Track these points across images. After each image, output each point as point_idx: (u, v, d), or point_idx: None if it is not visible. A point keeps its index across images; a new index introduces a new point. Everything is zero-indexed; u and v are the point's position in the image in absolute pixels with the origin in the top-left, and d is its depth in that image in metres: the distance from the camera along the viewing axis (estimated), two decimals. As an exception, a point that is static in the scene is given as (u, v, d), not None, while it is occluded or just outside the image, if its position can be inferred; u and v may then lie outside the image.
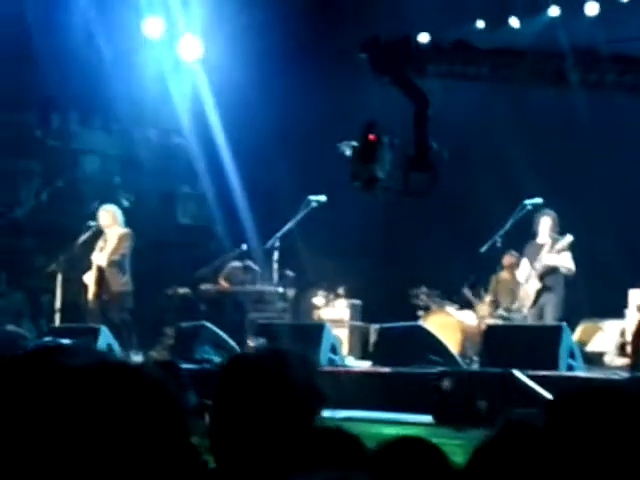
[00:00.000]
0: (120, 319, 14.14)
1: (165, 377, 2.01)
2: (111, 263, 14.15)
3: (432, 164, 12.87)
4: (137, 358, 13.23)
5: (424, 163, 12.74)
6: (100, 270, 14.17)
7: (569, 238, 13.73)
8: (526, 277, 14.08)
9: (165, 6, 18.03)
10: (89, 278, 14.23)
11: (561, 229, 13.98)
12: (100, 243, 14.28)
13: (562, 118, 16.92)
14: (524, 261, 14.20)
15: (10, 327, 14.28)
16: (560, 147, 17.09)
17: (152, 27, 18.39)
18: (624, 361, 13.81)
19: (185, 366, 11.17)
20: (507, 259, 15.02)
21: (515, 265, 14.80)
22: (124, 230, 14.36)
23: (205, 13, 17.68)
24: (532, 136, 17.34)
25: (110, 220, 14.33)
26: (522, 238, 14.24)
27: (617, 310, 14.65)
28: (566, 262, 13.80)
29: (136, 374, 1.94)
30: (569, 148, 16.95)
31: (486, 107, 17.70)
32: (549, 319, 13.63)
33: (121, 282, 14.26)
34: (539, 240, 14.07)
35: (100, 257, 14.18)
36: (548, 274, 13.86)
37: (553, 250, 13.80)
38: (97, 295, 14.19)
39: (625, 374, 11.96)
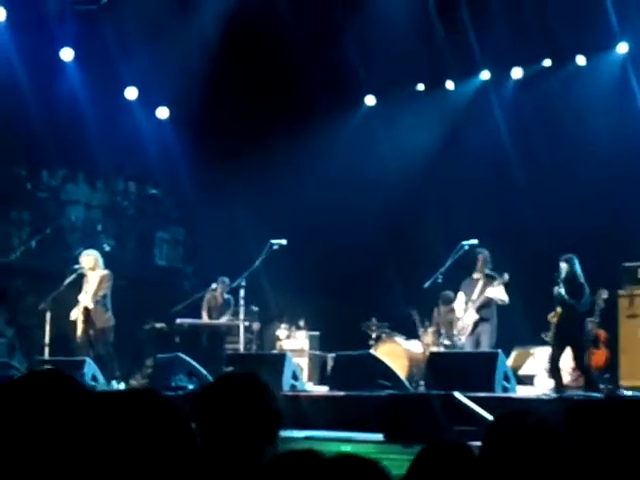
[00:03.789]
0: (105, 352, 14.07)
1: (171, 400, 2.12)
2: (95, 302, 14.10)
3: None
4: (120, 387, 13.15)
5: None
6: (86, 309, 14.11)
7: (505, 277, 13.77)
8: (463, 309, 14.09)
9: (143, 78, 18.24)
10: (76, 315, 14.15)
11: (493, 266, 14.04)
12: (84, 285, 14.23)
13: (496, 172, 17.13)
14: (460, 294, 14.20)
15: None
16: (494, 195, 17.28)
17: (131, 94, 18.67)
18: (552, 383, 13.86)
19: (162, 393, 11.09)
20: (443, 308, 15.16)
21: (450, 303, 14.92)
22: (104, 272, 14.31)
23: (172, 83, 17.86)
24: (470, 188, 17.51)
25: (92, 263, 14.28)
26: (459, 274, 14.27)
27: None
28: (501, 294, 13.82)
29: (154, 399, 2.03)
30: (501, 196, 17.14)
31: (433, 158, 17.88)
32: (484, 346, 13.64)
33: (104, 319, 14.20)
34: (474, 276, 14.09)
35: (85, 298, 14.13)
36: (484, 307, 13.87)
37: (491, 285, 13.81)
38: (84, 331, 14.13)
39: (553, 394, 12.02)
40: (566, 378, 13.35)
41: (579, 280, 12.68)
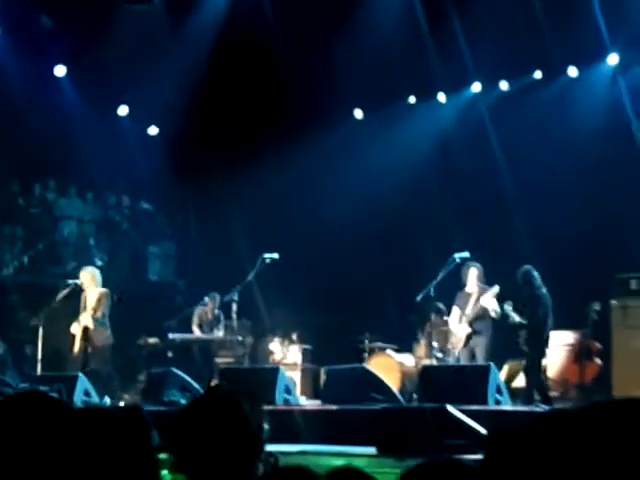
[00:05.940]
0: (104, 370, 14.03)
1: (131, 420, 2.06)
2: (95, 321, 14.02)
3: None
4: (108, 402, 13.11)
5: None
6: (86, 328, 14.03)
7: (496, 288, 13.72)
8: (457, 322, 14.03)
9: (134, 95, 18.31)
10: (76, 329, 14.07)
11: (486, 279, 14.00)
12: (82, 303, 14.15)
13: (488, 184, 17.14)
14: (454, 308, 14.14)
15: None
16: (485, 208, 17.28)
17: (122, 111, 18.80)
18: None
19: (154, 409, 11.05)
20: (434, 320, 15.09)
21: (443, 315, 14.82)
22: (102, 290, 14.22)
23: (164, 100, 17.95)
24: (462, 200, 17.52)
25: (89, 281, 14.20)
26: (452, 287, 14.22)
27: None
28: (494, 305, 13.72)
29: (108, 418, 2.00)
30: (492, 208, 17.13)
31: (425, 171, 17.86)
32: (479, 359, 13.59)
33: (104, 337, 14.15)
34: (467, 289, 14.03)
35: (84, 317, 14.04)
36: (477, 320, 13.81)
37: (483, 296, 13.76)
38: (81, 348, 14.06)
39: (545, 407, 11.98)
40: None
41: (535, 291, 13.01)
